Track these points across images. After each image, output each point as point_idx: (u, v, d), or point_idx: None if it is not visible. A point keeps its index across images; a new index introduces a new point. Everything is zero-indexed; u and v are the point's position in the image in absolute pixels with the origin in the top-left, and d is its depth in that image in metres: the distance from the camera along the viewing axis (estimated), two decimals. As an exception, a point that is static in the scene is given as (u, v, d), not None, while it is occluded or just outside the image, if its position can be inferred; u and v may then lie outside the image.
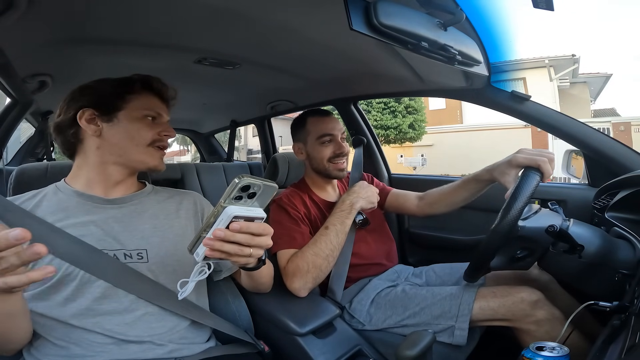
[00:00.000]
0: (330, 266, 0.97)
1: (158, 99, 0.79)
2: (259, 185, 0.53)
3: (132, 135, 0.73)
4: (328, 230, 0.97)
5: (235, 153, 2.81)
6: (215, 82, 1.43)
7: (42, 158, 2.36)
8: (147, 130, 0.75)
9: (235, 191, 0.51)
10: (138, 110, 0.75)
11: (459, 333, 0.88)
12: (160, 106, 0.79)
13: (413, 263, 1.43)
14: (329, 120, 1.15)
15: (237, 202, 0.53)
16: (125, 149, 0.74)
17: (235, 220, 0.52)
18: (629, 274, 0.68)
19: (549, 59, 10.89)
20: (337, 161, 1.13)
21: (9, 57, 0.95)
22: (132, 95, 0.75)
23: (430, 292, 0.97)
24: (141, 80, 0.78)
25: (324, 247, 0.95)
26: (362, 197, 1.02)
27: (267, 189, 0.54)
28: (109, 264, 0.66)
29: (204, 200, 0.87)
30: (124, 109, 0.73)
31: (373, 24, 0.70)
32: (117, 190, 0.75)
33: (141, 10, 0.82)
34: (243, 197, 0.53)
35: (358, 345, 0.91)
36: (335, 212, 1.01)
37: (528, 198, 0.74)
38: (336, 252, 0.97)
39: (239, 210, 0.52)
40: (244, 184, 0.51)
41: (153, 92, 0.79)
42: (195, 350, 0.72)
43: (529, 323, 0.83)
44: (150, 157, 0.76)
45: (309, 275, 0.94)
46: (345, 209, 1.00)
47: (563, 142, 1.14)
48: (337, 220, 0.98)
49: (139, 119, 0.75)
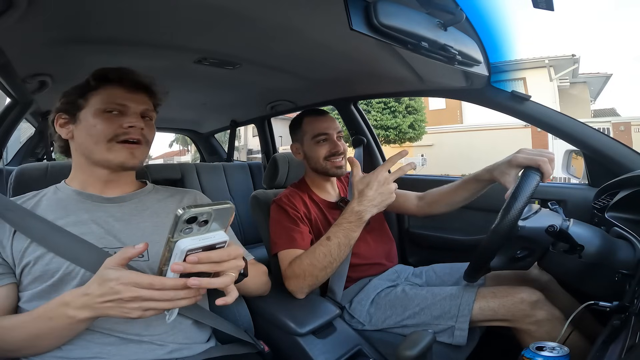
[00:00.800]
0: (328, 275, 0.94)
1: (123, 89, 0.73)
2: (208, 212, 0.49)
3: (91, 133, 0.70)
4: (330, 242, 0.89)
5: (235, 153, 2.80)
6: (215, 82, 1.43)
7: (42, 158, 2.36)
8: (104, 125, 0.70)
9: (180, 225, 0.48)
10: (96, 105, 0.71)
11: (458, 333, 0.88)
12: (125, 96, 0.72)
13: (413, 263, 1.43)
14: (324, 120, 1.15)
15: (188, 234, 0.49)
16: (89, 149, 0.72)
17: (191, 253, 0.49)
18: (629, 274, 0.67)
19: (549, 59, 10.89)
20: (333, 159, 1.13)
21: (9, 57, 0.95)
22: (92, 92, 0.72)
23: (430, 293, 0.97)
24: (95, 74, 0.73)
25: (322, 259, 0.89)
26: (375, 205, 0.86)
27: (221, 212, 0.51)
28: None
29: (205, 198, 0.87)
30: (84, 108, 0.72)
31: (373, 24, 0.70)
32: (115, 189, 0.75)
33: (141, 10, 0.82)
34: (193, 228, 0.49)
35: (358, 346, 0.91)
36: (342, 223, 0.89)
37: (528, 198, 0.74)
38: (336, 264, 0.90)
39: (192, 243, 0.49)
40: (188, 216, 0.47)
41: (114, 83, 0.73)
42: (196, 350, 0.72)
43: (529, 323, 0.83)
44: (112, 154, 0.71)
45: (305, 282, 0.93)
46: (353, 220, 0.87)
47: (563, 142, 1.14)
48: (341, 233, 0.88)
49: (98, 114, 0.70)
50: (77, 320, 0.55)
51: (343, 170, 1.15)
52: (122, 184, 0.77)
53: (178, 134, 6.31)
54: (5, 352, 0.59)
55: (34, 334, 0.58)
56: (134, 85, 0.74)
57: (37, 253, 0.63)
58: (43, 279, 0.63)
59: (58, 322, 0.56)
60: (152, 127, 0.78)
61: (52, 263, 0.63)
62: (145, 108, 0.75)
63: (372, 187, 0.85)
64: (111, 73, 0.72)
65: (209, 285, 0.53)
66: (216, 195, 2.06)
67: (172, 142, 20.66)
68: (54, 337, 0.59)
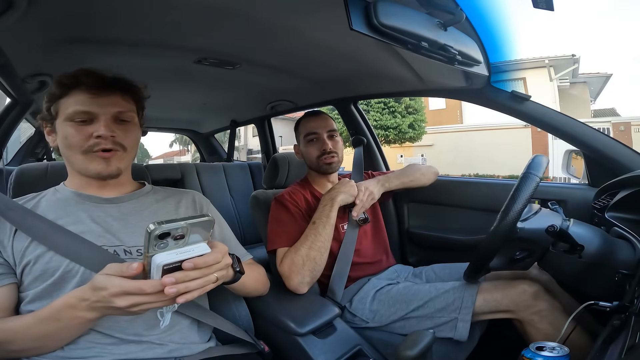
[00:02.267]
0: (323, 259, 0.99)
1: (87, 94, 0.67)
2: (182, 227, 0.47)
3: (65, 144, 0.68)
4: (315, 225, 1.00)
5: (235, 153, 2.80)
6: (215, 82, 1.43)
7: (42, 158, 2.37)
8: (75, 136, 0.66)
9: (153, 240, 0.46)
10: (63, 114, 0.67)
11: (461, 325, 0.88)
12: (90, 102, 0.66)
13: (413, 263, 1.43)
14: (314, 120, 1.19)
15: (163, 249, 0.48)
16: (69, 159, 0.71)
17: (168, 267, 0.49)
18: (629, 274, 0.68)
19: (549, 59, 10.89)
20: (323, 157, 1.17)
21: (9, 57, 0.95)
22: (58, 100, 0.68)
23: (434, 287, 0.98)
24: (55, 80, 0.68)
25: (315, 239, 0.98)
26: (342, 192, 1.05)
27: (198, 225, 0.50)
28: (109, 260, 0.65)
29: (203, 198, 0.87)
30: (57, 118, 0.69)
31: (373, 24, 0.70)
32: (112, 190, 0.75)
33: (141, 10, 0.82)
34: (168, 242, 0.48)
35: (358, 345, 0.91)
36: (319, 208, 1.05)
37: (526, 200, 0.74)
38: (327, 244, 1.00)
39: (168, 258, 0.48)
40: (160, 232, 0.46)
41: (76, 88, 0.67)
42: (196, 350, 0.72)
43: (532, 314, 0.84)
44: (89, 164, 0.68)
45: (305, 269, 0.95)
46: (326, 203, 1.04)
47: (563, 142, 1.14)
48: (322, 214, 1.02)
49: (67, 124, 0.67)
50: (87, 320, 0.56)
51: (334, 166, 1.19)
52: (120, 185, 0.77)
53: (178, 134, 6.32)
54: (11, 352, 0.59)
55: (42, 335, 0.58)
56: (99, 87, 0.68)
57: (37, 252, 0.63)
58: (44, 278, 0.63)
59: (67, 323, 0.57)
60: (130, 131, 0.72)
61: (52, 262, 0.63)
62: (117, 111, 0.69)
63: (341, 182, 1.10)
64: (68, 78, 0.67)
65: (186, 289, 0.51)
66: (216, 195, 2.06)
67: (172, 142, 20.69)
68: (63, 337, 0.60)
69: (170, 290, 0.49)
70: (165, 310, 0.58)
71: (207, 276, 0.54)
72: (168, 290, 0.49)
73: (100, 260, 0.62)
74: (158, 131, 3.05)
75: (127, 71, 0.79)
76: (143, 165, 1.01)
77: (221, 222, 0.86)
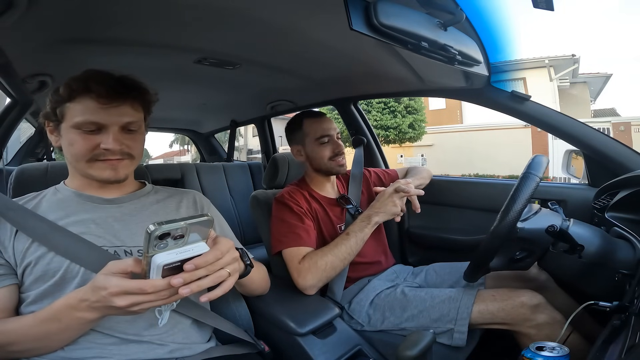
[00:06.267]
0: (340, 270, 1.00)
1: (97, 102, 0.64)
2: (182, 227, 0.48)
3: (70, 151, 0.68)
4: (349, 237, 1.00)
5: (235, 153, 2.80)
6: (215, 82, 1.43)
7: (42, 158, 2.36)
8: (81, 144, 0.66)
9: (153, 241, 0.47)
10: (71, 120, 0.66)
11: (458, 336, 0.88)
12: (100, 111, 0.65)
13: (413, 263, 1.43)
14: (325, 121, 1.18)
15: (163, 249, 0.49)
16: (73, 163, 0.71)
17: (168, 266, 0.49)
18: (629, 274, 0.67)
19: (549, 59, 10.88)
20: (337, 159, 1.16)
21: (9, 57, 0.95)
22: (66, 103, 0.66)
23: (429, 295, 0.97)
24: (65, 84, 0.66)
25: (344, 250, 0.98)
26: (382, 213, 1.02)
27: (198, 225, 0.50)
28: (109, 260, 0.66)
29: (204, 198, 0.87)
30: (63, 121, 0.67)
31: (373, 24, 0.70)
32: (113, 190, 0.75)
33: (141, 10, 0.82)
34: (168, 242, 0.48)
35: (358, 345, 0.91)
36: (356, 222, 1.04)
37: (526, 200, 0.74)
38: (351, 257, 1.00)
39: (168, 257, 0.48)
40: (160, 232, 0.46)
41: (86, 94, 0.65)
42: (196, 350, 0.72)
43: (529, 327, 0.83)
44: (95, 171, 0.68)
45: (324, 275, 0.96)
46: (364, 220, 1.02)
47: (563, 142, 1.14)
48: (357, 228, 1.01)
49: (74, 131, 0.66)
50: (88, 320, 0.56)
51: (344, 168, 1.19)
52: (121, 186, 0.76)
53: (178, 134, 6.31)
54: (11, 353, 0.59)
55: (42, 335, 0.58)
56: (109, 97, 0.65)
57: (38, 253, 0.63)
58: (45, 278, 0.63)
59: (67, 324, 0.57)
60: (138, 140, 0.72)
61: (52, 262, 0.63)
62: (127, 122, 0.68)
63: (379, 199, 1.04)
64: (78, 83, 0.65)
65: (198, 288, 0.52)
66: (216, 195, 2.06)
67: (172, 142, 20.68)
68: (64, 338, 0.60)
69: (183, 291, 0.50)
70: (164, 309, 0.58)
71: (215, 273, 0.54)
72: (182, 290, 0.50)
73: (100, 261, 0.62)
74: (158, 131, 3.06)
75: (128, 71, 0.79)
76: (143, 165, 1.01)
77: (221, 222, 0.86)
